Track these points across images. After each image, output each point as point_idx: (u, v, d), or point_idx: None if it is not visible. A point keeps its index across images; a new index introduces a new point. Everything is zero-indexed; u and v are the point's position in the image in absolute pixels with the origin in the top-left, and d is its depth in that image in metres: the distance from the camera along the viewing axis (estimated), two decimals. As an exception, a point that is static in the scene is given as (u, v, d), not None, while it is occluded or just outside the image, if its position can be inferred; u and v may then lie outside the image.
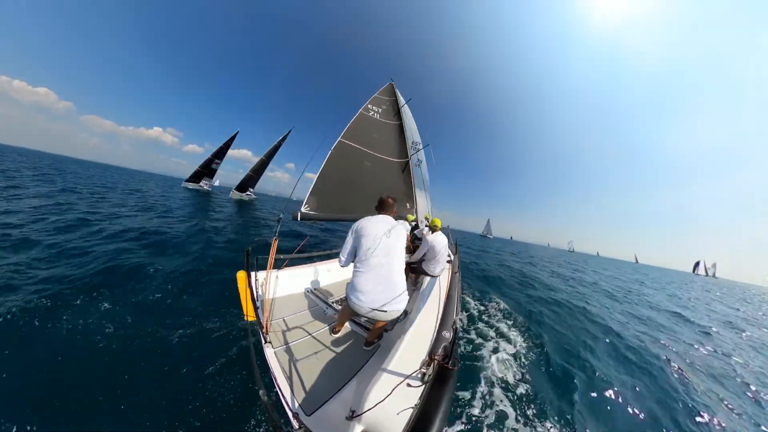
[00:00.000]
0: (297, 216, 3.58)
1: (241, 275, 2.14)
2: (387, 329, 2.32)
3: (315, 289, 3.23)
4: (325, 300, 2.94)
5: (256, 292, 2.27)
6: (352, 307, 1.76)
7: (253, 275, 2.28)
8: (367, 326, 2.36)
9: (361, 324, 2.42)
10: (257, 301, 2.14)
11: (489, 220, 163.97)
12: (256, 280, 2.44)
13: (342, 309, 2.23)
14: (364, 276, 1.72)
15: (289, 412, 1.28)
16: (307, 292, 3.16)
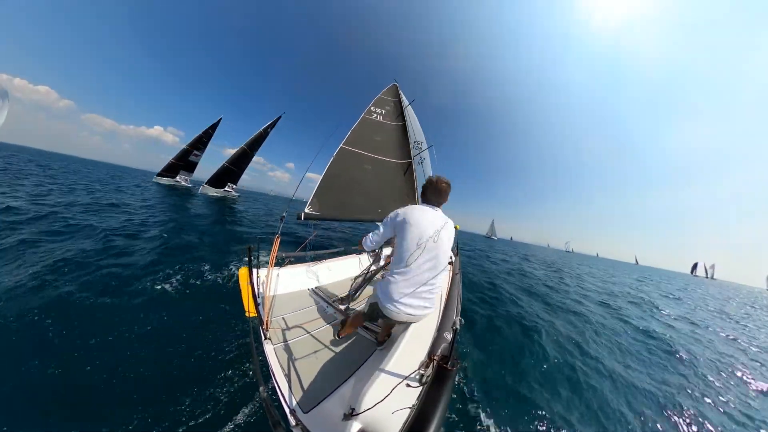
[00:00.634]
0: (300, 216, 3.73)
1: (243, 272, 2.14)
2: (386, 339, 2.33)
3: (316, 288, 3.26)
4: (326, 298, 2.96)
5: (258, 289, 2.29)
6: (387, 315, 1.56)
7: (254, 272, 2.28)
8: (374, 329, 2.34)
9: (367, 327, 2.40)
10: (258, 297, 2.15)
11: (493, 220, 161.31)
12: (258, 277, 2.45)
13: (355, 315, 2.16)
14: (407, 281, 1.49)
15: (287, 409, 1.29)
16: (309, 290, 3.18)
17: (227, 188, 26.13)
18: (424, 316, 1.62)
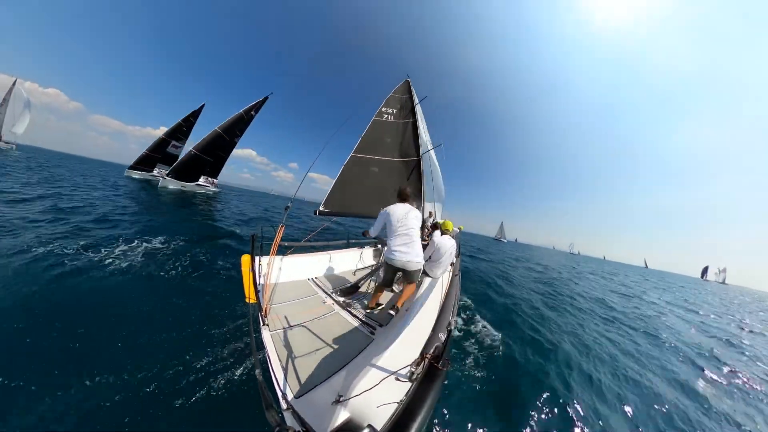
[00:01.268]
0: (316, 212, 4.73)
1: (246, 259, 2.16)
2: (382, 324, 2.39)
3: (316, 278, 3.31)
4: (326, 289, 2.99)
5: (259, 277, 2.33)
6: (389, 263, 2.50)
7: (257, 260, 2.32)
8: (369, 322, 2.43)
9: (365, 322, 2.45)
10: (259, 285, 2.19)
11: (502, 222, 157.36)
12: (260, 265, 2.48)
13: (376, 287, 2.72)
14: (396, 240, 2.47)
15: (279, 393, 1.34)
16: (309, 280, 3.21)
17: (203, 182, 21.21)
18: (411, 263, 2.42)
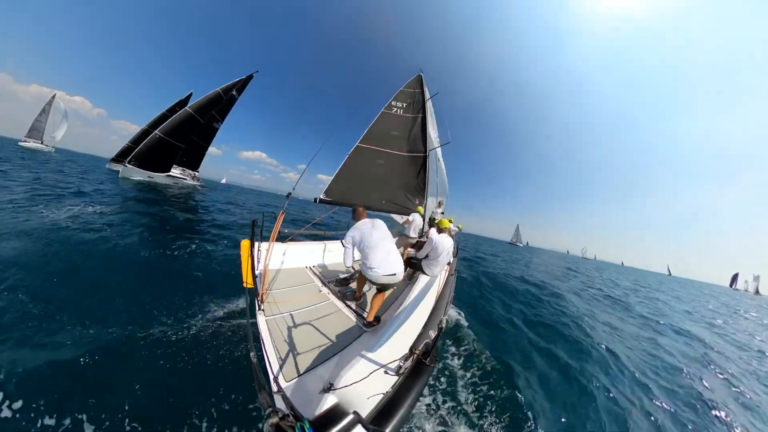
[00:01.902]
0: (317, 200, 4.55)
1: (245, 244, 2.17)
2: (374, 324, 2.39)
3: (314, 266, 3.34)
4: (322, 278, 3.00)
5: (257, 262, 2.35)
6: (368, 278, 2.29)
7: (256, 245, 2.33)
8: (362, 313, 2.44)
9: (354, 309, 2.50)
10: (257, 270, 2.22)
11: (518, 225, 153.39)
12: (259, 251, 2.49)
13: (358, 279, 2.74)
14: (370, 255, 2.27)
15: (271, 376, 1.35)
16: (306, 268, 3.24)
17: (178, 173, 17.76)
18: (398, 276, 2.24)
